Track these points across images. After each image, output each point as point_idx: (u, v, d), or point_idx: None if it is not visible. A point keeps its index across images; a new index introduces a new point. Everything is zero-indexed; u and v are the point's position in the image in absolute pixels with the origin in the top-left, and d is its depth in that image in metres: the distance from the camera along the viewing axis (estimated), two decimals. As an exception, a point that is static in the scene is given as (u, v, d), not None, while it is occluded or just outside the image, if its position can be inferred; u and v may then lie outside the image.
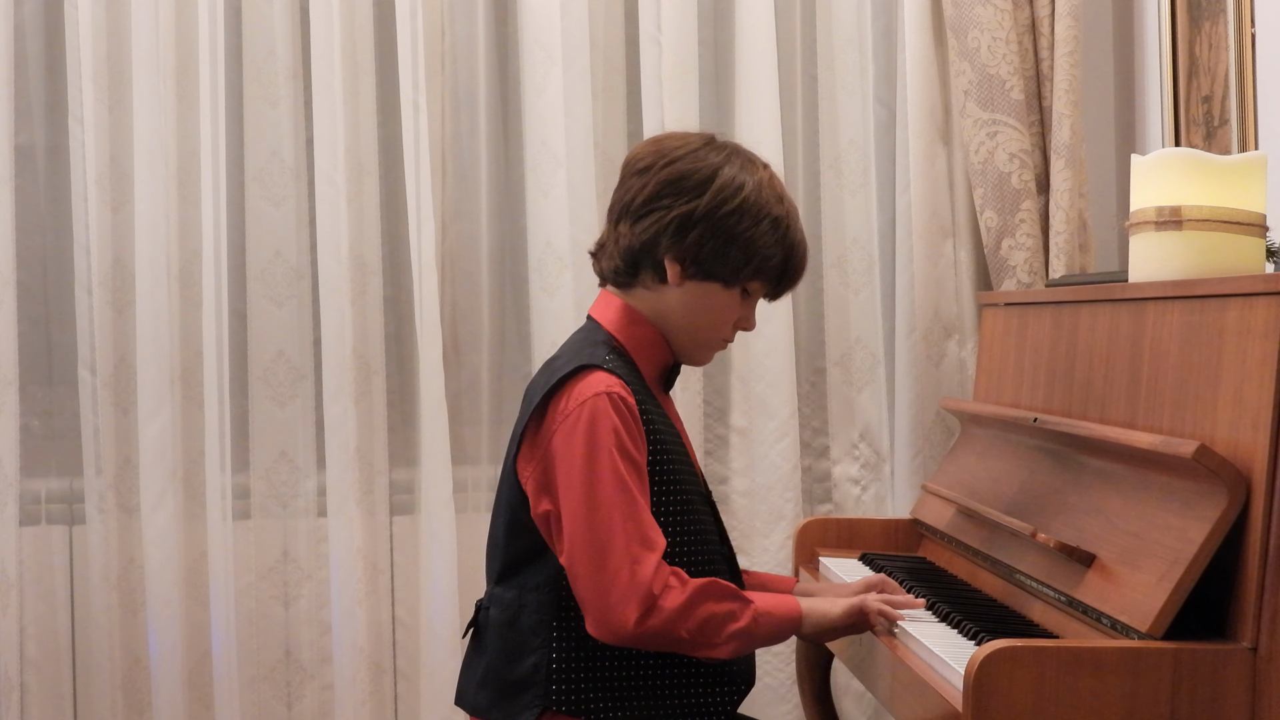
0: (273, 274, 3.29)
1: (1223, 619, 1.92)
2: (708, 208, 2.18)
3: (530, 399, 2.21)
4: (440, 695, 3.23)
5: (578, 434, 2.10)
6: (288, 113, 3.28)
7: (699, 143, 2.24)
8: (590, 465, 2.09)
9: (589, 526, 2.07)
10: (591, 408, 2.10)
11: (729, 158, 2.22)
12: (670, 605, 2.06)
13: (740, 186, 2.19)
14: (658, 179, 2.20)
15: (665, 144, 2.25)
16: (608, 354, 2.19)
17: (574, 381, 2.14)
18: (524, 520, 2.17)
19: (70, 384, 3.26)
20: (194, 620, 3.25)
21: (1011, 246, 3.22)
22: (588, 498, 2.08)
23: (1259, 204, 2.28)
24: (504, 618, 2.20)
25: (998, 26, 3.19)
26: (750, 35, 3.33)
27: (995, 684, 1.84)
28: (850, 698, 3.38)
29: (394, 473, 3.34)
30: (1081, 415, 2.43)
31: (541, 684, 2.15)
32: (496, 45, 3.38)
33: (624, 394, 2.13)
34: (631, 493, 2.09)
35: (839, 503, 3.45)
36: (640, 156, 2.25)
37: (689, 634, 2.09)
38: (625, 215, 2.23)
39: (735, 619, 2.12)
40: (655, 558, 2.08)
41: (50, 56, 3.28)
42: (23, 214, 3.24)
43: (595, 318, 2.30)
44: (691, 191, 2.18)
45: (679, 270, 2.20)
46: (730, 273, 2.21)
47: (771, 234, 2.21)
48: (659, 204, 2.19)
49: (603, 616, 2.07)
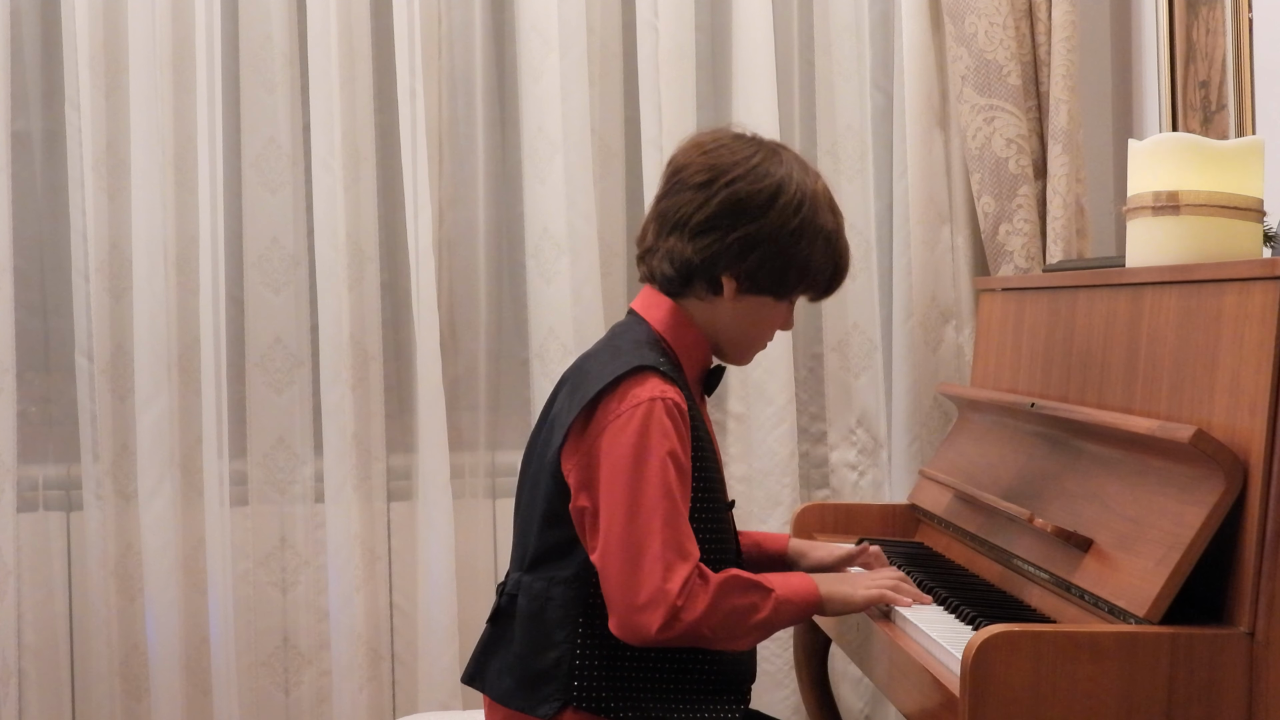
0: (270, 260, 3.29)
1: (1220, 604, 1.93)
2: (770, 230, 2.18)
3: (575, 390, 2.19)
4: (438, 681, 3.23)
5: (628, 435, 2.09)
6: (285, 99, 3.28)
7: (755, 155, 2.21)
8: (637, 468, 2.08)
9: (627, 529, 2.07)
10: (646, 411, 2.09)
11: (787, 170, 2.21)
12: (694, 614, 2.06)
13: (800, 204, 2.19)
14: (719, 200, 2.18)
15: (720, 157, 2.21)
16: (660, 356, 2.18)
17: (628, 382, 2.12)
18: (561, 512, 2.16)
19: (67, 371, 3.26)
20: (192, 606, 3.25)
21: (1009, 232, 3.22)
22: (630, 500, 2.07)
23: (1256, 189, 2.28)
24: (531, 608, 2.19)
25: (995, 12, 3.19)
26: (747, 21, 3.32)
27: (993, 669, 1.84)
28: (848, 683, 3.39)
29: (391, 459, 3.34)
30: (1079, 400, 2.43)
31: (563, 678, 2.15)
32: (493, 31, 3.38)
33: (678, 400, 2.13)
34: (675, 500, 2.09)
35: (836, 488, 3.45)
36: (695, 169, 2.21)
37: (712, 631, 2.09)
38: (681, 229, 2.20)
39: (757, 610, 2.13)
40: (688, 568, 2.07)
41: (46, 43, 3.27)
42: (19, 201, 3.24)
43: (642, 314, 2.28)
44: (754, 213, 2.18)
45: (735, 287, 2.21)
46: (785, 287, 2.24)
47: (825, 250, 2.23)
48: (720, 224, 2.18)
49: (627, 618, 2.07)
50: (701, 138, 2.28)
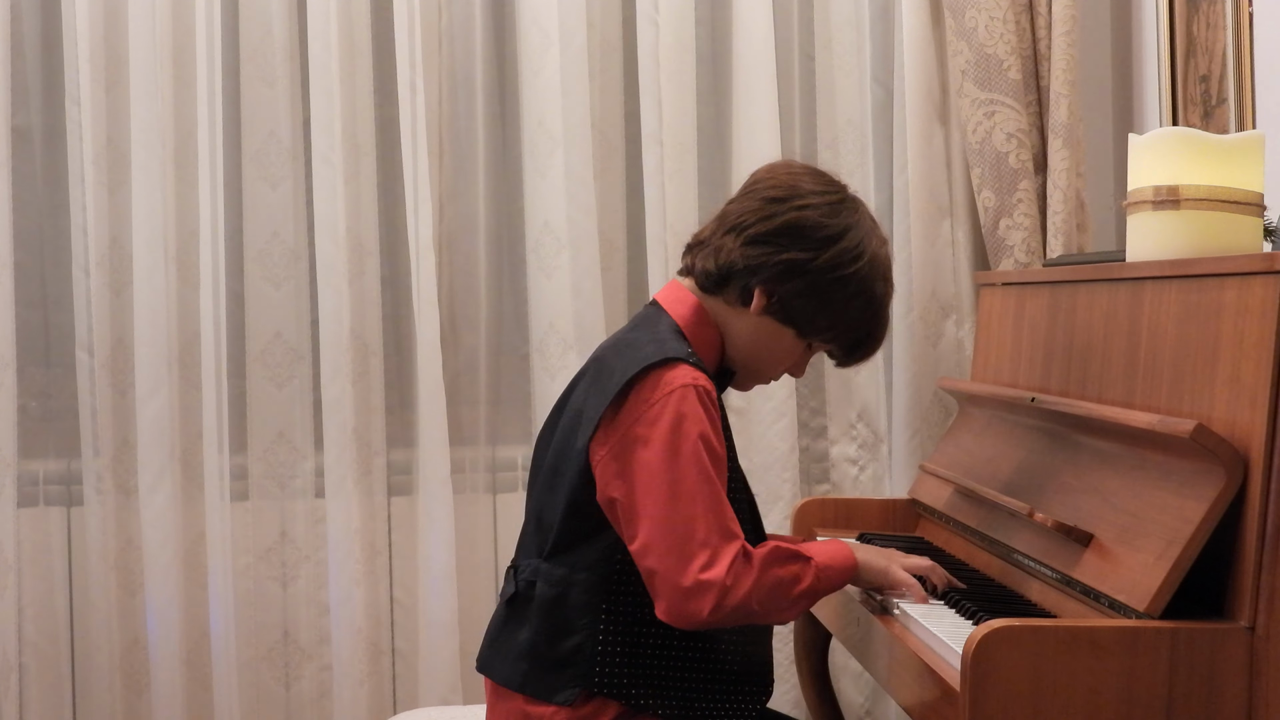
0: (270, 255, 3.29)
1: (1220, 598, 1.93)
2: (821, 265, 2.18)
3: (597, 380, 2.19)
4: (438, 675, 3.24)
5: (663, 423, 2.09)
6: (285, 93, 3.28)
7: (836, 196, 2.23)
8: (674, 455, 2.08)
9: (670, 516, 2.06)
10: (680, 398, 2.09)
11: (859, 223, 2.22)
12: (742, 591, 2.06)
13: (858, 258, 2.20)
14: (785, 218, 2.19)
15: (804, 184, 2.23)
16: (687, 347, 2.19)
17: (659, 371, 2.12)
18: (585, 501, 2.16)
19: (68, 365, 3.26)
20: (192, 601, 3.25)
21: (1009, 226, 3.22)
22: (671, 487, 2.07)
23: (1256, 183, 2.28)
24: (552, 594, 2.19)
25: (995, 6, 3.18)
26: (748, 15, 3.32)
27: (993, 663, 1.85)
28: (848, 677, 3.39)
29: (392, 453, 3.34)
30: (1079, 395, 2.43)
31: (584, 664, 2.15)
32: (493, 25, 3.37)
33: (709, 386, 2.14)
34: (715, 484, 2.09)
35: (836, 483, 3.45)
36: (773, 183, 2.24)
37: (760, 605, 2.09)
38: (737, 232, 2.22)
39: (800, 580, 2.13)
40: (735, 548, 2.07)
41: (47, 38, 3.27)
42: (20, 196, 3.24)
43: (665, 306, 2.28)
44: (812, 244, 2.19)
45: (764, 304, 2.21)
46: (810, 328, 2.24)
47: (863, 311, 2.24)
48: (775, 240, 2.19)
49: (677, 605, 2.06)
50: (794, 163, 2.33)
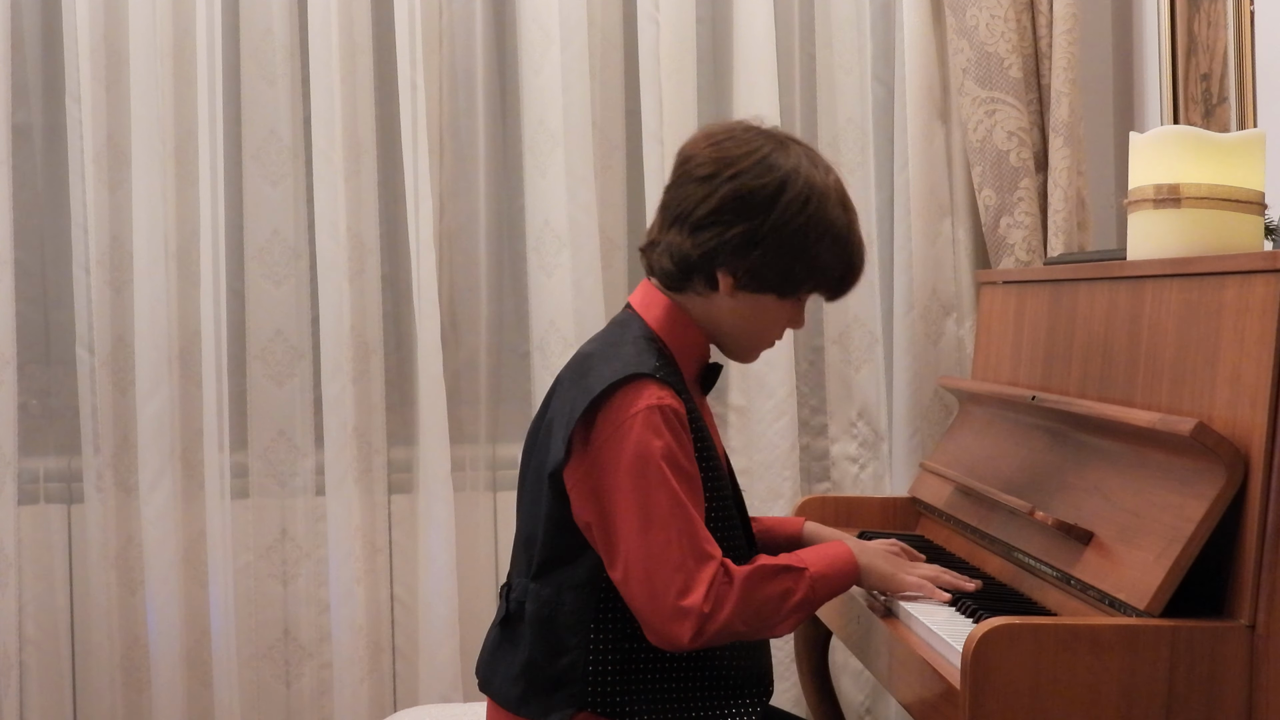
0: (270, 253, 3.29)
1: (1221, 597, 1.93)
2: (774, 226, 2.11)
3: (568, 398, 2.13)
4: (439, 673, 3.24)
5: (628, 448, 2.03)
6: (285, 91, 3.28)
7: (763, 145, 2.13)
8: (642, 481, 2.03)
9: (643, 545, 2.02)
10: (644, 421, 2.04)
11: (795, 164, 2.12)
12: (723, 614, 2.02)
13: (806, 202, 2.11)
14: (722, 194, 2.11)
15: (727, 149, 2.14)
16: (656, 360, 2.12)
17: (623, 391, 2.06)
18: (565, 520, 2.12)
19: (68, 363, 3.26)
20: (192, 599, 3.25)
21: (1010, 225, 3.22)
22: (641, 514, 2.03)
23: (1257, 182, 2.28)
24: (542, 614, 2.15)
25: (996, 4, 3.18)
26: (748, 13, 3.32)
27: (993, 662, 1.84)
28: (848, 676, 3.39)
29: (392, 451, 3.34)
30: (1080, 393, 2.43)
31: (577, 683, 2.12)
32: (494, 23, 3.37)
33: (676, 405, 2.07)
34: (686, 508, 2.04)
35: (837, 481, 3.45)
36: (700, 161, 2.15)
37: (746, 625, 2.06)
38: (682, 222, 2.15)
39: (791, 594, 2.09)
40: (710, 570, 2.03)
41: (47, 36, 3.27)
42: (20, 193, 3.24)
43: (638, 311, 2.22)
44: (757, 209, 2.11)
45: (732, 283, 2.14)
46: (789, 287, 2.17)
47: (834, 248, 2.15)
48: (721, 219, 2.11)
49: (659, 632, 2.04)
50: (711, 129, 2.22)
